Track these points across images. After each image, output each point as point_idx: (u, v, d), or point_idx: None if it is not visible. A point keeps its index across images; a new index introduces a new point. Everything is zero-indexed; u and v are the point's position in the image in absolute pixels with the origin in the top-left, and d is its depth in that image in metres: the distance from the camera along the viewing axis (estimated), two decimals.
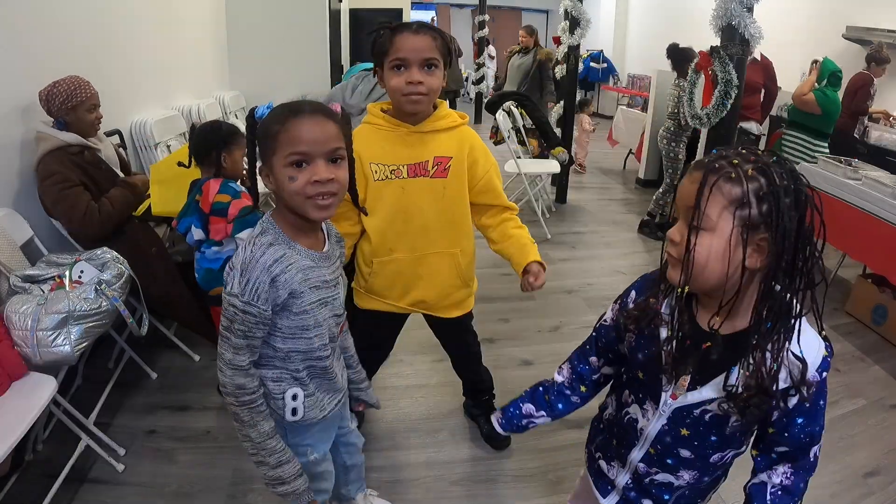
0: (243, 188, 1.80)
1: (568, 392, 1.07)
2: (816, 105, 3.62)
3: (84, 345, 1.63)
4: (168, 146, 2.97)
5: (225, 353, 0.98)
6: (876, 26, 4.61)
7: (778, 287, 0.75)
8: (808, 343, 0.77)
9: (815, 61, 3.91)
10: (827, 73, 3.69)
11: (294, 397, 1.08)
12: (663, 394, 0.87)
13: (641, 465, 0.96)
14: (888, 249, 2.62)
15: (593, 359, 1.04)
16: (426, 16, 12.36)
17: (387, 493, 1.69)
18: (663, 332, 0.85)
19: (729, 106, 2.54)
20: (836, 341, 2.68)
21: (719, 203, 0.73)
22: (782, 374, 0.76)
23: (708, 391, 0.83)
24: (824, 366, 0.79)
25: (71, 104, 1.97)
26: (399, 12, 9.19)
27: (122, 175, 2.20)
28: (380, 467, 1.78)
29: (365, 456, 1.84)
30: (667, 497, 0.97)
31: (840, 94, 3.77)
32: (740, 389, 0.77)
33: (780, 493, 0.85)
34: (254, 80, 4.44)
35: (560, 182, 4.76)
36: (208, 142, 1.80)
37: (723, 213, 0.73)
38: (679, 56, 3.99)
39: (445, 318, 1.62)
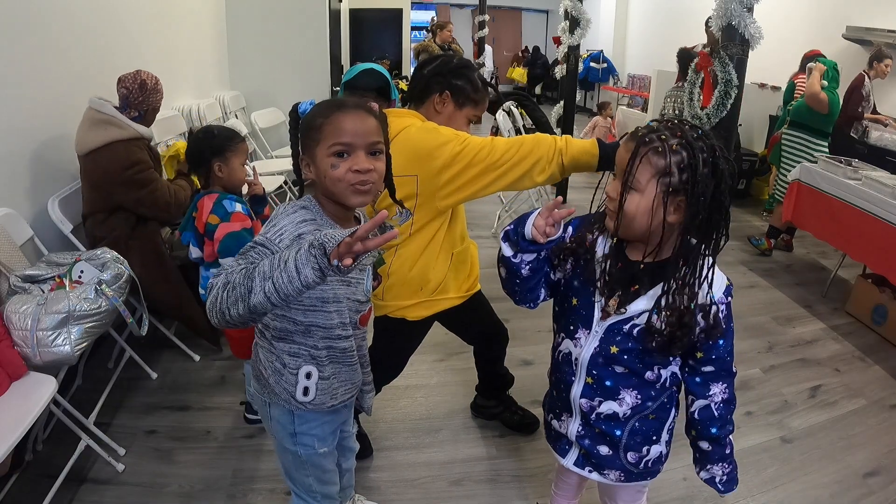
0: (238, 206, 1.65)
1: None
2: (828, 105, 3.55)
3: (84, 345, 1.63)
4: (168, 146, 2.96)
5: (226, 269, 0.90)
6: (876, 26, 4.60)
7: (694, 241, 0.93)
8: (716, 277, 0.96)
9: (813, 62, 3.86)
10: (831, 72, 3.66)
11: (308, 375, 1.09)
12: (595, 315, 1.00)
13: (584, 400, 1.05)
14: (888, 249, 2.62)
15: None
16: (426, 16, 12.35)
17: (386, 493, 1.69)
18: (598, 255, 1.01)
19: (729, 106, 2.54)
20: (837, 341, 2.68)
21: (648, 171, 0.89)
22: (700, 296, 0.93)
23: (640, 304, 0.96)
24: (728, 291, 0.99)
25: (158, 105, 2.08)
26: (399, 12, 9.18)
27: None
28: (379, 467, 1.78)
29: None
30: (619, 433, 1.05)
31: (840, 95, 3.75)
32: (670, 300, 0.93)
33: (722, 405, 1.04)
34: (254, 80, 4.44)
35: (560, 182, 4.75)
36: (201, 150, 1.65)
37: (650, 179, 0.89)
38: (689, 60, 3.96)
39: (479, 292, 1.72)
